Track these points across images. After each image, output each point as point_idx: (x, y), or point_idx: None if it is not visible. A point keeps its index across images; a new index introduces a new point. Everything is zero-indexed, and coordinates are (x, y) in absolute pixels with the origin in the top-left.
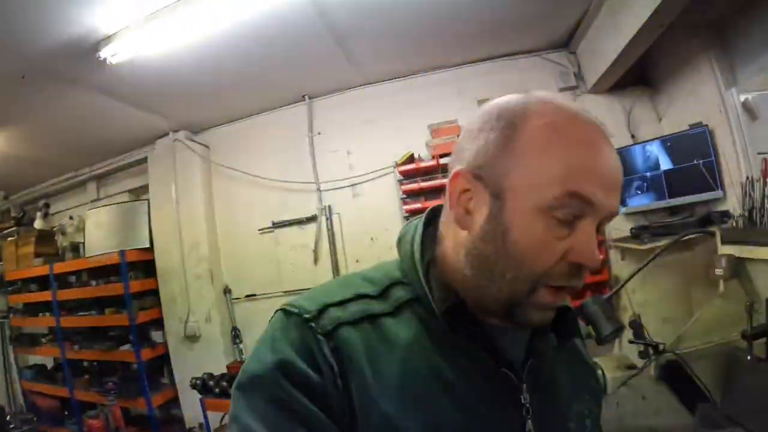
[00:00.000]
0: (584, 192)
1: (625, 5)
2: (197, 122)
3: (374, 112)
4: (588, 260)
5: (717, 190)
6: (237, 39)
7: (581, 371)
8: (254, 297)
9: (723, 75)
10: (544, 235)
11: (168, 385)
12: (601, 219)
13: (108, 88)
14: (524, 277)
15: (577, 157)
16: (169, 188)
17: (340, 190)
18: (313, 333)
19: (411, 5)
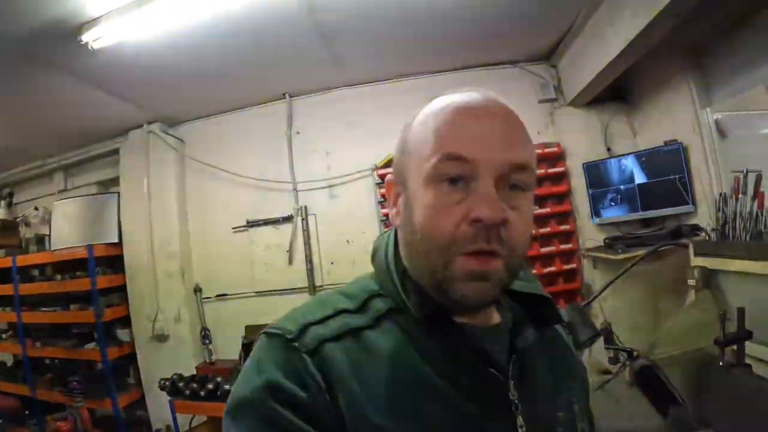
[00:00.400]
0: (457, 151)
1: (610, 25)
2: (173, 115)
3: (355, 113)
4: (484, 215)
5: (688, 204)
6: (222, 31)
7: (566, 358)
8: (225, 297)
9: (699, 96)
10: (439, 203)
11: (134, 386)
12: (497, 174)
13: (85, 73)
14: (435, 249)
15: (446, 124)
16: (141, 182)
17: (318, 191)
18: (297, 352)
19: (399, 11)
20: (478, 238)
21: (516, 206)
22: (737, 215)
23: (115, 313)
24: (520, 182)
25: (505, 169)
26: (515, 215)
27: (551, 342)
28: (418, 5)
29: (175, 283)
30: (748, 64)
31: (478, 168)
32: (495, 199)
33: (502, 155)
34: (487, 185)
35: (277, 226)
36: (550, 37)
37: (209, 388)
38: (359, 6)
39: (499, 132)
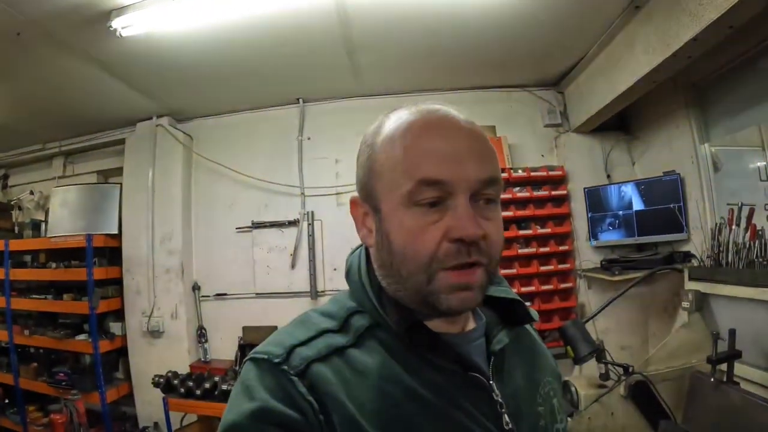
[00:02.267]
0: (431, 175)
1: (622, 60)
2: (183, 110)
3: (366, 124)
4: (462, 233)
5: (683, 232)
6: (251, 30)
7: (539, 355)
8: (224, 296)
9: (698, 131)
10: (417, 225)
11: (122, 381)
12: (472, 191)
13: (104, 60)
14: (416, 269)
15: (417, 146)
16: (146, 174)
17: (325, 197)
18: (286, 375)
19: (422, 31)
20: (460, 254)
21: (490, 217)
22: (731, 244)
23: (108, 306)
24: (491, 195)
25: (478, 186)
26: (491, 226)
27: (523, 340)
28: (441, 27)
29: (173, 280)
30: (745, 104)
31: (453, 188)
32: (473, 217)
33: (475, 173)
34: (464, 204)
35: (282, 230)
36: (560, 66)
37: (206, 387)
38: (388, 22)
39: (468, 150)
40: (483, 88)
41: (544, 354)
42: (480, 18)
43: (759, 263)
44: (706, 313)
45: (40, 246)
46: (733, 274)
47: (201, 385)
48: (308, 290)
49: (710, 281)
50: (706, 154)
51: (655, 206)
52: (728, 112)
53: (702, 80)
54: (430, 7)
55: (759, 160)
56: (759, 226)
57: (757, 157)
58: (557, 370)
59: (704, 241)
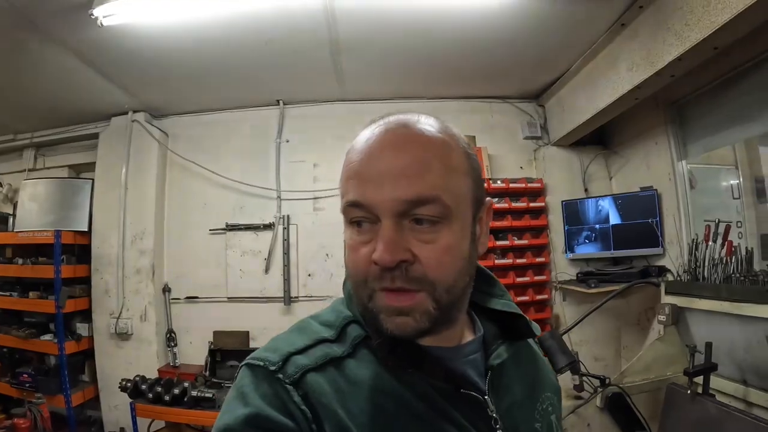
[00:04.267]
0: (354, 198)
1: (604, 76)
2: (160, 106)
3: (346, 129)
4: (376, 258)
5: (658, 246)
6: (235, 28)
7: (540, 370)
8: (195, 299)
9: (676, 148)
10: (353, 243)
11: (88, 384)
12: (395, 211)
13: (82, 50)
14: (357, 285)
15: (350, 167)
16: (119, 171)
17: (301, 202)
18: (281, 383)
19: (408, 41)
20: (383, 278)
21: (429, 240)
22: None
23: (76, 305)
24: (426, 216)
25: (401, 207)
26: (428, 249)
27: (524, 355)
28: (426, 37)
29: (143, 281)
30: (722, 124)
31: (376, 210)
32: (390, 241)
33: (393, 194)
34: (386, 227)
35: (257, 233)
36: (543, 79)
37: (175, 393)
38: (374, 27)
39: (388, 168)
40: (465, 98)
41: (544, 369)
42: (465, 30)
43: (736, 278)
44: (682, 326)
45: (6, 240)
46: (710, 289)
47: (170, 390)
48: (282, 296)
49: (687, 295)
50: (683, 171)
51: (631, 221)
52: (705, 130)
53: (681, 99)
54: (416, 16)
55: (732, 178)
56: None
57: (730, 176)
58: (557, 384)
59: (680, 256)
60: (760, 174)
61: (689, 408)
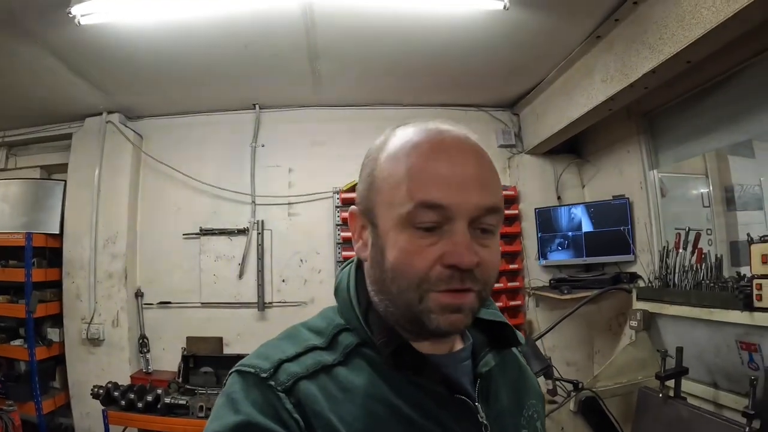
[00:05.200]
0: (431, 198)
1: (579, 87)
2: (135, 107)
3: (323, 134)
4: (457, 261)
5: (630, 253)
6: (213, 30)
7: (524, 378)
8: (168, 305)
9: (648, 157)
10: (412, 246)
11: (59, 391)
12: (471, 217)
13: (59, 48)
14: (407, 288)
15: (419, 167)
16: (92, 173)
17: (276, 207)
18: (273, 390)
19: (387, 48)
20: (453, 280)
21: (487, 244)
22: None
23: (47, 310)
24: (491, 224)
25: (478, 213)
26: (486, 253)
27: (509, 363)
28: (406, 44)
29: (116, 285)
30: (692, 135)
31: (452, 213)
32: (469, 244)
33: (477, 200)
34: (462, 230)
35: (231, 238)
36: (518, 89)
37: (148, 400)
38: (352, 33)
39: (473, 174)
40: (441, 106)
41: (529, 377)
42: (443, 38)
43: (706, 285)
44: (653, 331)
45: None
46: (680, 295)
47: (143, 397)
48: (256, 301)
49: (658, 301)
50: (655, 179)
51: (603, 228)
52: (676, 141)
53: (653, 110)
54: (395, 23)
55: (702, 187)
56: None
57: (700, 185)
58: (540, 391)
59: (651, 263)
60: (729, 183)
61: (661, 411)
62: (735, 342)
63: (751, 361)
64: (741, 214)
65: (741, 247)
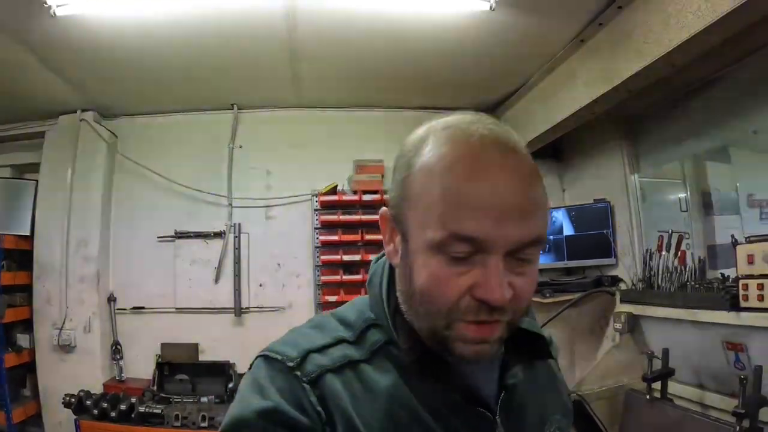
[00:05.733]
0: (467, 232)
1: (561, 91)
2: (110, 106)
3: (301, 136)
4: (488, 297)
5: (611, 257)
6: (194, 28)
7: (554, 392)
8: (142, 310)
9: (629, 162)
10: (441, 273)
11: (29, 399)
12: (508, 251)
13: (33, 40)
14: (435, 314)
15: (456, 194)
16: (65, 172)
17: (253, 210)
18: (299, 381)
19: (369, 50)
20: (481, 312)
21: (523, 273)
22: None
23: (16, 315)
24: (529, 255)
25: (516, 247)
26: (521, 282)
27: (541, 375)
28: (387, 47)
29: (88, 289)
30: (672, 140)
31: (487, 247)
32: (501, 281)
33: (517, 234)
34: (495, 264)
35: (207, 241)
36: (500, 92)
37: (121, 409)
38: (335, 34)
39: (515, 203)
40: (423, 108)
41: (558, 391)
42: (427, 39)
43: (691, 286)
44: (637, 334)
45: None
46: (665, 297)
47: (116, 406)
48: (232, 306)
49: (642, 303)
50: (636, 184)
51: (585, 232)
52: (657, 146)
53: (635, 115)
54: (378, 25)
55: (680, 192)
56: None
57: (678, 190)
58: (569, 406)
59: (633, 266)
60: (707, 188)
61: (649, 413)
62: (721, 343)
63: (737, 361)
64: (718, 218)
65: (719, 250)
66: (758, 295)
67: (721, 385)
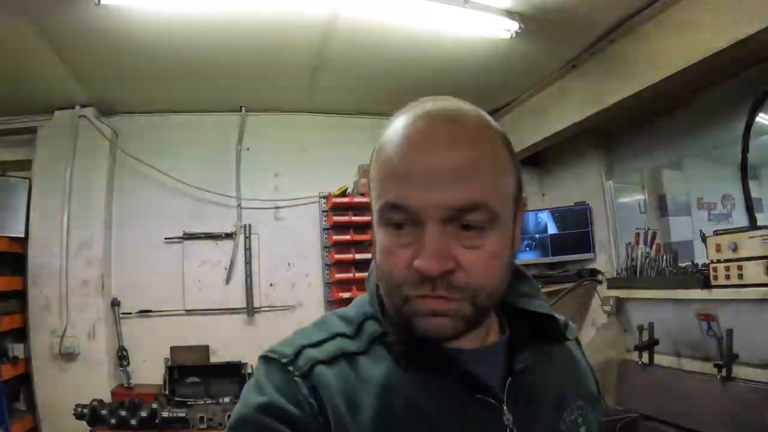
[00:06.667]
0: (395, 200)
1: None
2: (111, 101)
3: (309, 140)
4: (419, 266)
5: (590, 252)
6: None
7: (575, 377)
8: (149, 313)
9: (605, 170)
10: (387, 246)
11: (25, 413)
12: (442, 217)
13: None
14: (391, 289)
15: (390, 162)
16: (62, 171)
17: (262, 211)
18: (291, 375)
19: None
20: (424, 286)
21: (474, 245)
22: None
23: (11, 323)
24: (473, 222)
25: (449, 213)
26: (473, 255)
27: (558, 359)
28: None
29: (91, 294)
30: (642, 152)
31: (419, 215)
32: (437, 250)
33: (444, 199)
34: (431, 233)
35: (218, 242)
36: (493, 105)
37: (142, 416)
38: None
39: (440, 168)
40: None
41: (580, 375)
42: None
43: (669, 272)
44: (620, 315)
45: None
46: (648, 281)
47: (136, 413)
48: (244, 307)
49: (628, 288)
50: (611, 188)
51: (567, 231)
52: (628, 156)
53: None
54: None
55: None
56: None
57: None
58: (594, 393)
59: (610, 259)
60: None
61: (641, 376)
62: (695, 315)
63: (709, 329)
64: (672, 219)
65: (675, 246)
66: (725, 275)
67: (696, 350)
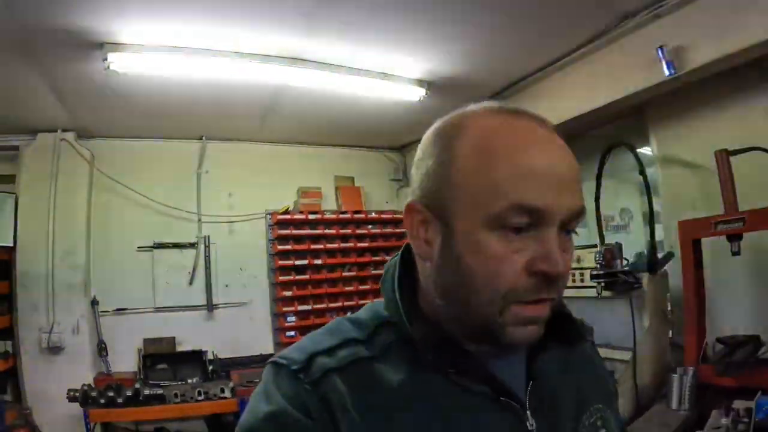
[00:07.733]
0: (528, 201)
1: None
2: (88, 128)
3: (259, 165)
4: (549, 268)
5: None
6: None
7: (591, 378)
8: (124, 311)
9: None
10: (499, 252)
11: (12, 404)
12: (563, 221)
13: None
14: (489, 300)
15: (513, 165)
16: (46, 188)
17: (219, 224)
18: (302, 383)
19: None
20: (540, 290)
21: (567, 249)
22: None
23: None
24: (574, 227)
25: (570, 217)
26: (567, 258)
27: (576, 361)
28: (336, 112)
29: (75, 295)
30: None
31: (546, 217)
32: (556, 251)
33: (571, 202)
34: (554, 236)
35: (182, 250)
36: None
37: (128, 395)
38: (304, 103)
39: (567, 174)
40: (351, 146)
41: (597, 377)
42: (362, 114)
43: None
44: None
45: None
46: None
47: (121, 393)
48: (205, 304)
49: None
50: None
51: None
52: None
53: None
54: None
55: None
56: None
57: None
58: (611, 392)
59: None
60: None
61: None
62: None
63: None
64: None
65: None
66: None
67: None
